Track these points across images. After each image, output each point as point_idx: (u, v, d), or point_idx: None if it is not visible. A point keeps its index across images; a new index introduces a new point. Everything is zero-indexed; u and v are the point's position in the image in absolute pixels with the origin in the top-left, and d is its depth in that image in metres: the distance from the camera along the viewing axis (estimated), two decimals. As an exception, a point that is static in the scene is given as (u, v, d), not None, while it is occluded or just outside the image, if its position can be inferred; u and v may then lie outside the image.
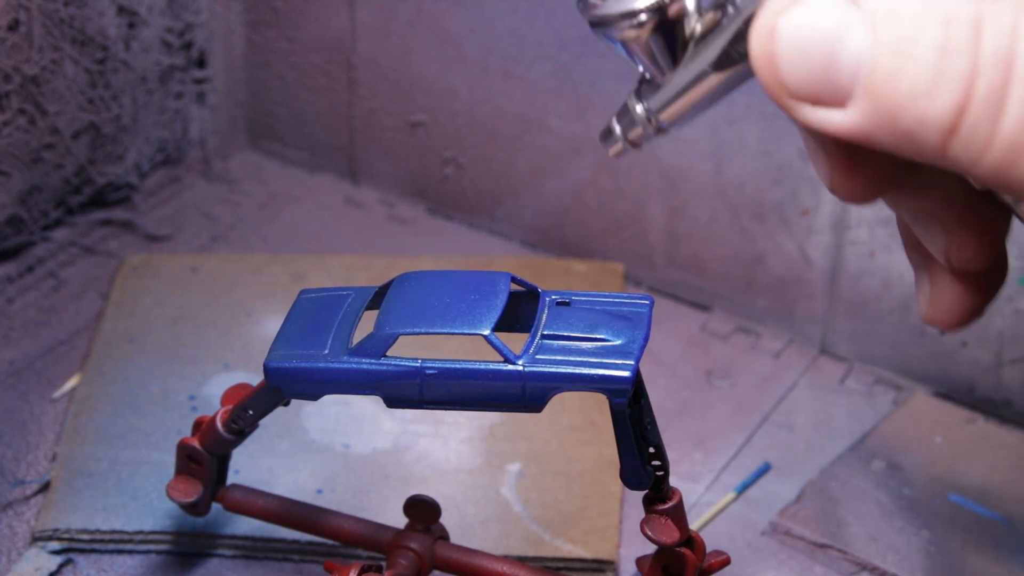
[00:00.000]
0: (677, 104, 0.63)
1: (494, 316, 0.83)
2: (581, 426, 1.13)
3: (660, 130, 0.64)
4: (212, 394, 1.15)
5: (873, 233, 1.17)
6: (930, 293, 0.67)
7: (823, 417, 1.18)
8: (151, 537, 1.02)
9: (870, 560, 1.03)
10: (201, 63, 1.41)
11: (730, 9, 0.60)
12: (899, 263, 1.17)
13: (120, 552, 1.03)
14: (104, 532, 1.02)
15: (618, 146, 0.66)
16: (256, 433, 1.11)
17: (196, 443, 0.94)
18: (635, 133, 0.65)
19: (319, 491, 1.06)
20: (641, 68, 0.63)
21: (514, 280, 0.86)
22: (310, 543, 1.02)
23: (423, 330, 0.83)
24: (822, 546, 1.04)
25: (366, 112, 1.40)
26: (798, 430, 1.16)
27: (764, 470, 1.12)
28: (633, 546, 1.04)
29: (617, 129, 0.66)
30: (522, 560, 0.99)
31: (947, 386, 1.20)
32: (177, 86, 1.40)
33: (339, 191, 1.44)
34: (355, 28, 1.36)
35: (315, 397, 0.87)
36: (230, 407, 0.93)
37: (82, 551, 1.02)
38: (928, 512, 1.07)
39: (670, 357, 1.23)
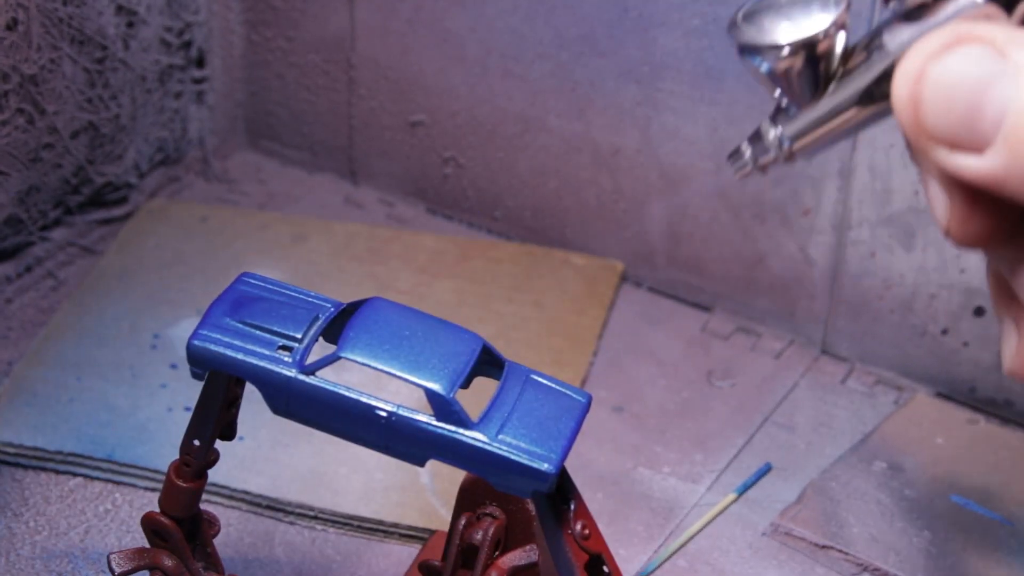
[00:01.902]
0: (813, 135, 0.66)
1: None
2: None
3: (790, 157, 0.67)
4: (177, 336, 1.19)
5: (874, 233, 1.17)
6: (1018, 345, 0.68)
7: (824, 418, 1.17)
8: (69, 459, 1.07)
9: (871, 561, 1.03)
10: (200, 62, 1.41)
11: (876, 50, 0.63)
12: (900, 263, 1.17)
13: (41, 469, 1.07)
14: (27, 448, 1.07)
15: (746, 169, 0.69)
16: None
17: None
18: (766, 159, 0.68)
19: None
20: (779, 96, 0.66)
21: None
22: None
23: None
24: (823, 547, 1.04)
25: (366, 112, 1.39)
26: (799, 431, 1.16)
27: (765, 471, 1.11)
28: (633, 546, 1.04)
29: (747, 152, 0.69)
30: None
31: (948, 387, 1.19)
32: (176, 85, 1.39)
33: (338, 191, 1.44)
34: (355, 27, 1.36)
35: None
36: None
37: (6, 463, 1.07)
38: (930, 513, 1.07)
39: (670, 357, 1.23)
